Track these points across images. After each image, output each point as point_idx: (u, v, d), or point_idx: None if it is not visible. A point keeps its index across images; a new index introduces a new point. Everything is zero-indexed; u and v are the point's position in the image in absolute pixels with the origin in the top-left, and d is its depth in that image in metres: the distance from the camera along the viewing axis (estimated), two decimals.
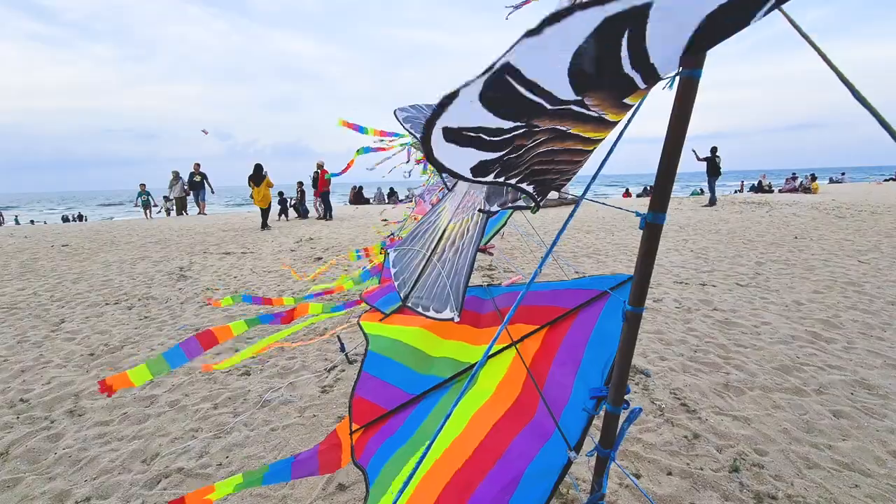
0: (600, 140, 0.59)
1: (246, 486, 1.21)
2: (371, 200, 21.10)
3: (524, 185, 0.68)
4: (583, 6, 0.34)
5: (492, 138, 0.47)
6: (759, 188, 19.48)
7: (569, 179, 0.80)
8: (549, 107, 0.44)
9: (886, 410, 2.60)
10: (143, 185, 15.65)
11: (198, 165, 14.86)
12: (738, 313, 4.21)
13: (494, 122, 0.44)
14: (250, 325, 1.99)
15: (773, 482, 2.06)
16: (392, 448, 1.01)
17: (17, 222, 22.37)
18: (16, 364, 3.50)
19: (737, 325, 3.91)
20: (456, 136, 0.45)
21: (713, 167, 12.88)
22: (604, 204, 1.02)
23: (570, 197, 15.45)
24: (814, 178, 18.25)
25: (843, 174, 30.34)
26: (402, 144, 5.28)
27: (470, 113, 0.42)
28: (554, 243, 0.67)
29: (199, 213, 15.17)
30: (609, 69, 0.40)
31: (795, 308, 4.32)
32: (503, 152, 0.51)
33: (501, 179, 0.60)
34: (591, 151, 0.63)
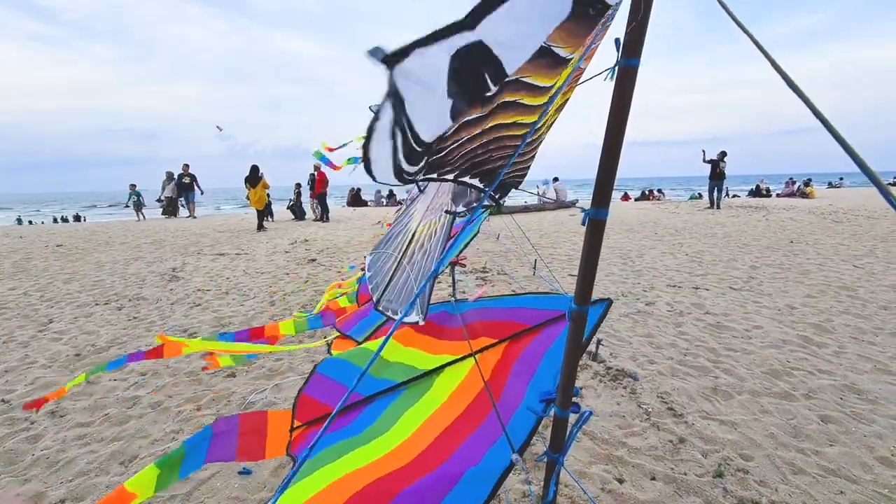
0: (530, 123, 0.57)
1: (167, 483, 1.06)
2: (369, 203, 21.08)
3: (467, 179, 0.66)
4: (421, 42, 0.34)
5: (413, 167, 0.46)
6: (756, 192, 19.48)
7: (524, 175, 0.78)
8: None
9: (875, 416, 2.57)
10: (133, 186, 15.00)
11: (186, 166, 14.23)
12: (730, 317, 4.19)
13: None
14: (206, 342, 1.99)
15: (757, 488, 2.03)
16: (331, 439, 0.98)
17: (19, 222, 22.34)
18: (0, 364, 3.47)
19: (728, 329, 3.88)
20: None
21: (714, 171, 13.00)
22: (549, 199, 0.99)
23: (568, 201, 15.47)
24: (808, 184, 18.25)
25: (841, 179, 30.37)
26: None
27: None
28: (445, 259, 0.65)
29: (189, 216, 14.44)
30: (479, 92, 0.40)
31: (788, 312, 4.30)
32: (423, 163, 0.50)
33: (435, 176, 0.58)
34: (529, 134, 0.61)
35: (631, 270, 6.11)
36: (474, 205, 1.02)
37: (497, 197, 0.81)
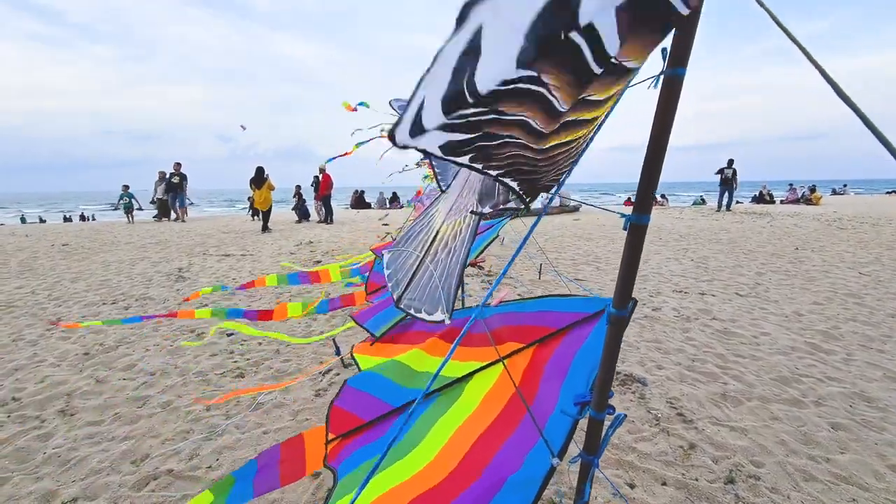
0: (577, 140, 0.58)
1: None
2: (372, 205, 21.12)
3: (509, 181, 0.67)
4: None
5: (455, 121, 0.46)
6: (760, 199, 19.46)
7: (556, 181, 0.79)
8: (503, 88, 0.42)
9: (886, 424, 2.57)
10: (126, 187, 14.01)
11: (178, 165, 13.31)
12: (738, 323, 4.18)
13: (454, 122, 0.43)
14: (216, 314, 2.05)
15: (769, 495, 2.03)
16: (368, 454, 0.99)
17: (23, 221, 22.42)
18: (9, 363, 3.48)
19: (736, 335, 3.88)
20: (419, 130, 0.43)
21: (721, 177, 14.05)
22: (592, 206, 1.00)
23: (571, 204, 15.47)
24: (813, 190, 18.23)
25: (845, 185, 30.34)
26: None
27: (431, 117, 0.41)
28: (513, 257, 0.66)
29: (177, 219, 13.48)
30: (557, 36, 0.36)
31: (795, 319, 4.29)
32: (473, 135, 0.50)
33: (479, 167, 0.59)
34: (572, 157, 0.62)
35: (637, 275, 6.11)
36: (501, 206, 1.02)
37: (528, 201, 0.82)
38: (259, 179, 11.39)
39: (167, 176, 13.49)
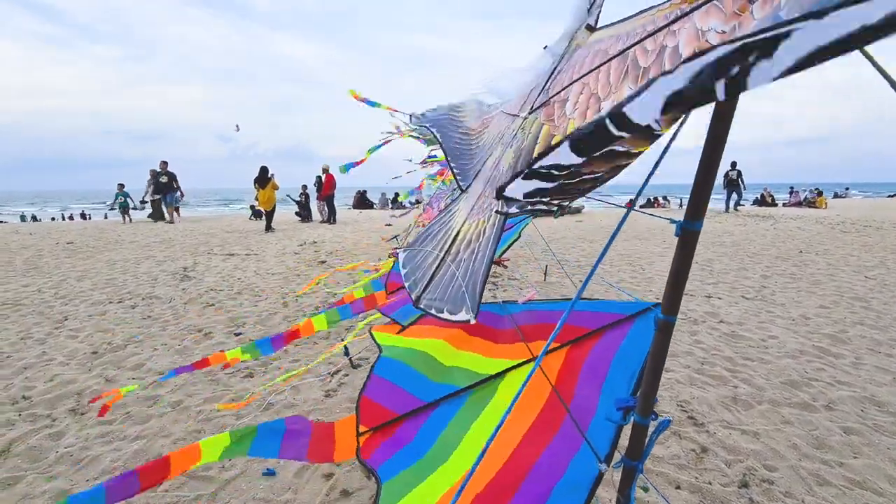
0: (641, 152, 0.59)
1: (232, 454, 1.12)
2: (375, 205, 21.14)
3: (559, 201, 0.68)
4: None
5: (559, 172, 0.48)
6: (762, 201, 19.46)
7: (594, 187, 0.79)
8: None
9: None
10: (121, 186, 13.25)
11: (164, 164, 12.61)
12: (745, 326, 4.18)
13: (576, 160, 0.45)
14: (245, 352, 2.05)
15: (783, 499, 2.03)
16: (409, 457, 0.99)
17: (23, 219, 22.42)
18: (18, 361, 3.49)
19: (743, 339, 3.88)
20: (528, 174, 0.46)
21: (726, 181, 14.44)
22: (650, 214, 0.99)
23: (573, 206, 15.47)
24: (820, 193, 18.21)
25: (847, 189, 30.37)
26: (429, 156, 5.42)
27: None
28: (600, 258, 0.66)
29: (169, 220, 12.65)
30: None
31: (802, 322, 4.29)
32: (561, 182, 0.51)
33: (546, 199, 0.60)
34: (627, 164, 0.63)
35: (642, 277, 6.11)
36: (529, 207, 1.03)
37: (566, 205, 0.82)
38: (263, 179, 11.41)
39: (156, 175, 12.79)
